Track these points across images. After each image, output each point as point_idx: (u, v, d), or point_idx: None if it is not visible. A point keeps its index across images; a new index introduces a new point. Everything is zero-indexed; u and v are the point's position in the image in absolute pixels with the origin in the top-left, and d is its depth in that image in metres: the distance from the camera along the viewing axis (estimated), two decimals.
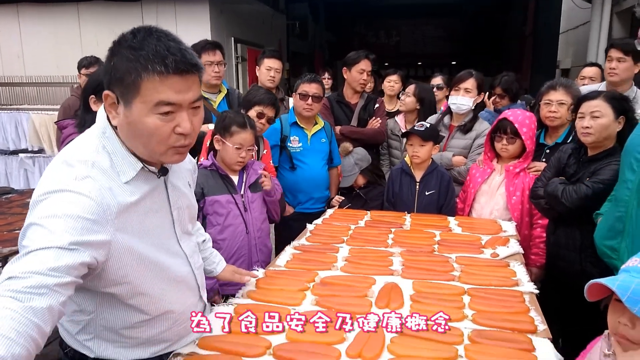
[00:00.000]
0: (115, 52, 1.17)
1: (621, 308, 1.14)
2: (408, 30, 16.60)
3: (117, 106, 1.20)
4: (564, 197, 2.37)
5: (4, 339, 0.90)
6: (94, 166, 1.20)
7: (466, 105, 3.29)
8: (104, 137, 1.25)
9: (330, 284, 1.96)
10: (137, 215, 1.26)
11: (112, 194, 1.19)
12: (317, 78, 3.26)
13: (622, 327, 1.16)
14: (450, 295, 1.86)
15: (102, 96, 1.21)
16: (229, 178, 2.47)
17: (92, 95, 2.17)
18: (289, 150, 3.23)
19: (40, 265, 1.01)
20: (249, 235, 2.52)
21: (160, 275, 1.34)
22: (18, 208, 3.11)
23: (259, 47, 7.99)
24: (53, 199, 1.11)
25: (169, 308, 1.38)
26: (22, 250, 1.05)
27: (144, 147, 1.24)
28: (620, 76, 3.16)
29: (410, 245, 2.40)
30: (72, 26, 7.00)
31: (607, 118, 2.34)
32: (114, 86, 1.18)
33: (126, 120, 1.20)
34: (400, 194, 3.02)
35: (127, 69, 1.14)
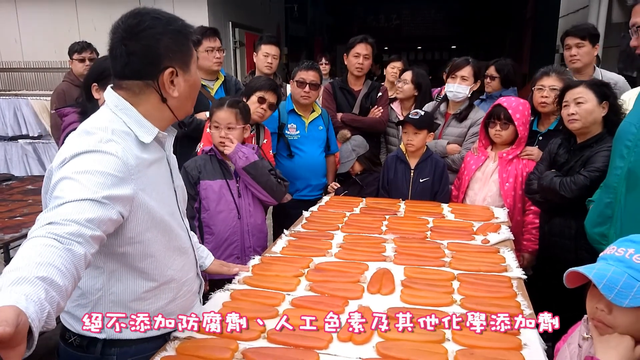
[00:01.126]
0: (158, 36, 1.29)
1: (598, 294, 1.18)
2: (408, 13, 16.45)
3: (177, 78, 1.35)
4: (563, 190, 2.42)
5: (59, 272, 0.98)
6: (114, 132, 1.30)
7: (462, 93, 3.31)
8: (117, 109, 1.35)
9: (324, 269, 2.01)
10: (153, 178, 1.38)
11: (133, 154, 1.30)
12: (315, 65, 3.27)
13: (599, 313, 1.21)
14: (440, 280, 1.92)
15: (164, 73, 1.32)
16: (225, 163, 2.51)
17: (94, 83, 2.18)
18: (287, 137, 3.26)
19: (78, 215, 1.10)
20: (242, 220, 2.55)
21: (168, 240, 1.44)
22: (19, 195, 3.15)
23: (257, 32, 7.96)
24: (83, 158, 1.21)
25: (172, 275, 1.47)
26: (56, 200, 1.13)
27: (192, 103, 1.47)
28: (582, 61, 3.24)
29: (404, 232, 2.45)
30: (70, 11, 6.97)
31: (590, 103, 2.41)
32: (173, 60, 1.33)
33: (188, 84, 1.39)
34: (395, 180, 3.06)
35: (181, 40, 1.34)
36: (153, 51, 1.29)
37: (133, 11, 1.32)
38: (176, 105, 1.40)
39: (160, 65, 1.31)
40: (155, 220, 1.37)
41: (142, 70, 1.32)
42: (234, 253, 2.53)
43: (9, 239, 2.33)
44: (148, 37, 1.28)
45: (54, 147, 6.15)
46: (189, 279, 1.57)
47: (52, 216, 1.08)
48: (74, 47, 4.10)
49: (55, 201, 1.13)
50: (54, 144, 6.15)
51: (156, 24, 1.29)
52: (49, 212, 1.11)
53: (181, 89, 1.37)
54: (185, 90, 1.38)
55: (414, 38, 16.58)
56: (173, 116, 1.42)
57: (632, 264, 1.17)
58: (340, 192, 3.29)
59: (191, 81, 1.40)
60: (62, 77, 6.48)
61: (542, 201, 2.62)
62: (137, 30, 1.28)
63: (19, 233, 2.40)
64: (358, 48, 3.59)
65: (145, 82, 1.33)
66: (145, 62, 1.30)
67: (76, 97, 3.79)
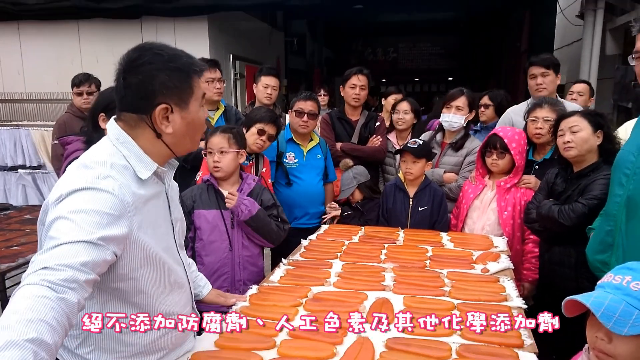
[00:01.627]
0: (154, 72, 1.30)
1: (597, 323, 1.17)
2: (405, 47, 16.77)
3: (171, 115, 1.34)
4: (562, 218, 2.43)
5: (50, 328, 0.98)
6: (112, 167, 1.30)
7: (457, 122, 3.34)
8: (117, 142, 1.35)
9: (323, 299, 1.99)
10: (150, 214, 1.36)
11: (130, 191, 1.29)
12: (313, 96, 3.33)
13: (600, 342, 1.19)
14: (440, 310, 1.88)
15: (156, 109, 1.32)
16: (221, 193, 2.50)
17: (101, 113, 2.20)
18: (285, 166, 3.28)
19: (73, 259, 1.10)
20: (233, 252, 2.51)
21: (163, 276, 1.42)
22: (16, 224, 3.14)
23: (257, 64, 8.07)
24: (79, 195, 1.20)
25: (167, 310, 1.44)
26: (51, 241, 1.13)
27: (191, 141, 1.44)
28: (548, 89, 3.39)
29: (403, 260, 2.43)
30: (73, 43, 7.08)
31: (585, 131, 2.45)
32: (168, 97, 1.32)
33: (185, 121, 1.37)
34: (394, 209, 3.06)
35: (180, 77, 1.33)
36: (147, 86, 1.30)
37: (139, 45, 1.35)
38: (172, 141, 1.39)
39: (153, 101, 1.31)
40: (149, 256, 1.36)
41: (136, 104, 1.33)
42: (223, 285, 2.47)
43: (5, 269, 2.30)
44: (145, 72, 1.29)
45: (53, 177, 6.16)
46: (184, 313, 1.53)
47: (47, 259, 1.08)
48: (74, 80, 4.16)
49: (50, 242, 1.13)
50: (53, 174, 6.16)
51: (156, 60, 1.30)
52: (43, 254, 1.10)
53: (177, 126, 1.36)
54: (181, 128, 1.37)
55: (411, 71, 16.85)
56: (170, 152, 1.41)
57: (629, 292, 1.16)
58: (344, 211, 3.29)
59: (189, 119, 1.37)
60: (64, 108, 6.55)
61: (541, 230, 2.62)
62: (136, 64, 1.30)
63: (15, 262, 2.38)
64: (354, 79, 3.67)
65: (139, 116, 1.34)
66: (139, 96, 1.31)
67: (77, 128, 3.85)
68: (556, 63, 3.42)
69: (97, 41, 6.91)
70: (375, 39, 16.40)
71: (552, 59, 3.42)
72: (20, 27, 7.12)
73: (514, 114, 3.53)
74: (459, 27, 14.90)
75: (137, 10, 6.52)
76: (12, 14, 6.70)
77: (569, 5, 7.48)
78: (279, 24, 10.55)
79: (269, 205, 2.61)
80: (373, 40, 16.46)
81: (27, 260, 2.52)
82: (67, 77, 6.41)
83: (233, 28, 7.68)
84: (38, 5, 6.50)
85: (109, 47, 6.86)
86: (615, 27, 6.41)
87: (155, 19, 6.69)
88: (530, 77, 3.44)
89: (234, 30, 7.74)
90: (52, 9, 6.56)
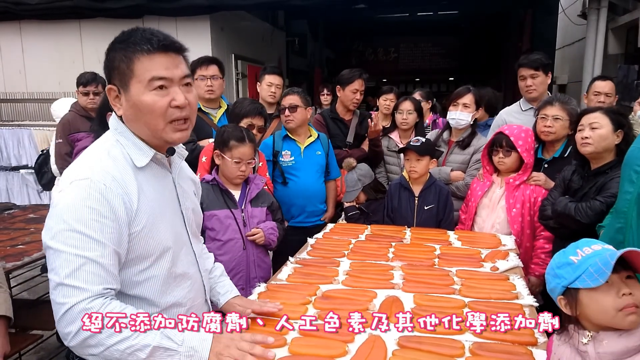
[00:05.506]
0: (109, 49, 1.30)
1: (613, 286, 1.23)
2: (406, 47, 16.76)
3: (120, 97, 1.32)
4: (579, 215, 2.42)
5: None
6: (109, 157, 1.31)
7: (464, 120, 3.33)
8: (116, 133, 1.36)
9: (332, 297, 1.98)
10: (151, 203, 1.35)
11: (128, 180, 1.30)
12: (294, 89, 3.37)
13: (628, 298, 1.22)
14: (451, 308, 1.88)
15: (107, 92, 1.32)
16: (229, 193, 2.50)
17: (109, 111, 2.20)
18: (280, 165, 3.26)
19: (110, 280, 1.23)
20: (247, 251, 2.52)
21: (171, 264, 1.41)
22: (21, 223, 3.13)
23: (259, 64, 8.07)
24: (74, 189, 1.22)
25: (176, 301, 1.43)
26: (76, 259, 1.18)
27: (146, 126, 1.34)
28: (538, 90, 3.39)
29: (411, 259, 2.41)
30: (74, 43, 7.07)
31: (605, 129, 2.43)
32: (113, 78, 1.31)
33: (128, 104, 1.32)
34: (399, 208, 3.05)
35: (120, 57, 1.29)
36: (105, 69, 1.33)
37: None
38: (130, 125, 1.36)
39: (110, 82, 1.34)
40: (152, 246, 1.36)
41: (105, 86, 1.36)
42: (239, 284, 2.46)
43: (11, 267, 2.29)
44: (107, 52, 1.32)
45: None
46: (195, 305, 1.52)
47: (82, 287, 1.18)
48: (80, 79, 4.13)
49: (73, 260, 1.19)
50: None
51: (115, 40, 1.32)
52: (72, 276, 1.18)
53: (125, 109, 1.34)
54: (128, 111, 1.34)
55: (412, 71, 16.84)
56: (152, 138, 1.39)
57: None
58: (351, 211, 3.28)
59: (131, 102, 1.31)
60: None
61: (556, 227, 2.60)
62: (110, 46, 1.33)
63: (20, 261, 2.38)
64: (356, 84, 3.70)
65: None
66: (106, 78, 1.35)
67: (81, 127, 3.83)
68: (546, 63, 3.40)
69: (99, 41, 6.88)
70: (376, 39, 16.38)
71: (542, 59, 3.39)
72: (22, 26, 7.12)
73: (506, 115, 3.53)
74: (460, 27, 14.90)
75: (139, 9, 6.51)
76: (14, 14, 6.69)
77: (571, 4, 7.48)
78: (280, 23, 10.55)
79: (276, 208, 2.64)
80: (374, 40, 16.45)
81: (33, 259, 2.52)
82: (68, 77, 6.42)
83: (235, 28, 7.67)
84: (40, 5, 6.49)
85: None
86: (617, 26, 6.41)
87: (157, 19, 6.67)
88: (520, 79, 3.45)
89: (236, 30, 7.74)
90: (53, 8, 6.55)
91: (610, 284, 1.24)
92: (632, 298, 1.22)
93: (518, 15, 11.54)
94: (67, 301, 1.16)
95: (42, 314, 2.77)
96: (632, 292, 1.23)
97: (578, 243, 1.34)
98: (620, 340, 1.24)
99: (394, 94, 4.70)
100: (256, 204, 2.57)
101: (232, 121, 2.96)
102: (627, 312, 1.22)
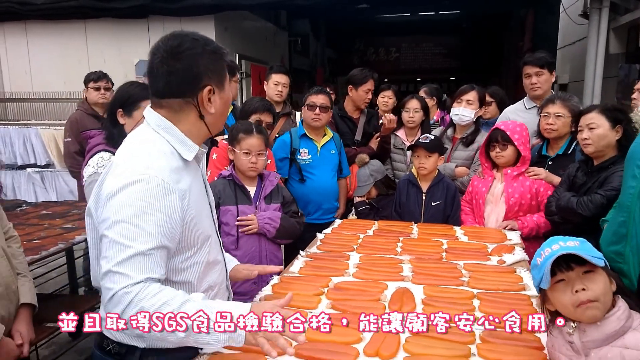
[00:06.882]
0: (197, 56, 1.38)
1: (567, 285, 1.32)
2: (407, 47, 16.81)
3: (213, 95, 1.42)
4: (581, 208, 2.48)
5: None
6: (159, 153, 1.37)
7: (468, 116, 3.38)
8: (159, 129, 1.41)
9: (344, 289, 2.03)
10: (194, 196, 1.43)
11: (177, 175, 1.38)
12: (324, 90, 3.39)
13: (581, 294, 1.29)
14: (460, 299, 1.93)
15: (203, 91, 1.40)
16: (244, 188, 2.55)
17: (119, 109, 2.27)
18: (299, 162, 3.32)
19: (156, 270, 1.29)
20: (260, 245, 2.58)
21: (208, 251, 1.51)
22: (35, 219, 3.19)
23: (262, 64, 8.13)
24: (132, 189, 1.28)
25: (209, 285, 1.53)
26: (128, 249, 1.25)
27: (223, 120, 1.54)
28: (543, 88, 3.45)
29: (419, 253, 2.47)
30: (79, 43, 7.12)
31: (602, 128, 2.49)
32: (211, 80, 1.41)
33: (222, 101, 1.47)
34: (407, 204, 3.10)
35: (221, 65, 1.44)
36: (193, 70, 1.37)
37: (173, 33, 1.41)
38: (212, 121, 1.47)
39: (199, 84, 1.39)
40: (198, 236, 1.45)
41: (183, 89, 1.39)
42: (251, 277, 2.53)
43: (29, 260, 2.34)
44: (188, 57, 1.37)
45: (61, 175, 6.21)
46: (221, 289, 1.63)
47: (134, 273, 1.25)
48: (90, 76, 4.20)
49: (124, 249, 1.25)
50: (61, 173, 6.22)
51: (195, 45, 1.38)
52: (125, 264, 1.24)
53: (217, 106, 1.45)
54: (220, 107, 1.46)
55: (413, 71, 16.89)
56: (208, 132, 1.49)
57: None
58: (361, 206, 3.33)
59: (225, 98, 1.48)
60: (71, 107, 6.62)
61: (560, 222, 2.66)
62: (179, 50, 1.36)
63: (39, 255, 2.44)
64: (369, 84, 3.76)
65: (185, 100, 1.40)
66: (186, 80, 1.38)
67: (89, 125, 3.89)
68: (550, 62, 3.47)
69: (104, 40, 6.95)
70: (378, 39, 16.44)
71: (547, 58, 3.46)
72: (27, 26, 7.16)
73: (510, 113, 3.58)
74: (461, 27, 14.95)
75: (144, 10, 6.56)
76: (19, 14, 6.74)
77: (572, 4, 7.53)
78: (283, 23, 10.60)
79: (290, 201, 2.67)
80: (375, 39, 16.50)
81: (50, 252, 2.58)
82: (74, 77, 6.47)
83: (239, 28, 7.73)
84: (45, 5, 6.54)
85: (116, 47, 6.92)
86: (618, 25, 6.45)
87: (162, 19, 6.73)
88: (525, 77, 3.50)
89: (240, 30, 7.79)
90: (59, 8, 6.59)
91: (567, 281, 1.33)
92: (586, 294, 1.29)
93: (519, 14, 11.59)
94: (113, 287, 1.23)
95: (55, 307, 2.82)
96: (586, 287, 1.30)
97: (546, 242, 1.40)
98: (598, 329, 1.31)
99: (391, 91, 4.76)
100: (270, 200, 2.62)
101: (242, 118, 3.02)
102: (583, 307, 1.30)
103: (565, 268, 1.32)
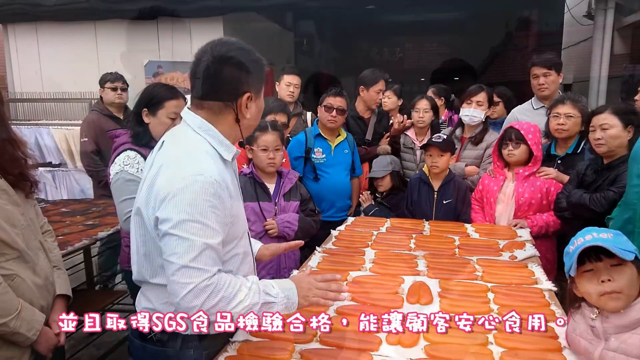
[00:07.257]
0: (242, 64, 1.48)
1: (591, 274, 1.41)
2: (411, 47, 16.87)
3: (250, 102, 1.52)
4: (593, 204, 2.56)
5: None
6: (207, 154, 1.47)
7: (478, 117, 3.46)
8: (201, 131, 1.50)
9: (363, 282, 2.11)
10: (234, 192, 1.54)
11: (223, 174, 1.48)
12: (342, 92, 3.44)
13: (607, 284, 1.38)
14: (475, 292, 2.01)
15: (243, 97, 1.49)
16: (264, 186, 2.63)
17: (145, 108, 2.35)
18: (313, 161, 3.39)
19: (220, 262, 1.42)
20: (278, 241, 2.65)
21: (245, 243, 1.64)
22: (56, 217, 3.27)
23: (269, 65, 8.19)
24: (190, 191, 1.37)
25: (245, 273, 1.62)
26: (199, 246, 1.35)
27: (256, 124, 1.66)
28: (550, 89, 3.50)
29: (432, 249, 2.54)
30: (90, 44, 7.20)
31: (615, 129, 2.56)
32: (251, 87, 1.51)
33: (257, 108, 1.57)
34: (418, 202, 3.17)
35: (261, 75, 1.55)
36: (237, 77, 1.47)
37: (221, 40, 1.51)
38: (246, 125, 1.57)
39: (240, 90, 1.49)
40: (239, 230, 1.58)
41: (226, 93, 1.49)
42: (269, 273, 2.62)
43: None
44: (234, 64, 1.46)
45: (72, 174, 6.29)
46: None
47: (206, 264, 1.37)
48: (107, 77, 4.27)
49: (189, 243, 1.35)
50: (72, 172, 6.29)
51: (241, 54, 1.48)
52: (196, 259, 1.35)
53: (252, 112, 1.55)
54: (254, 113, 1.56)
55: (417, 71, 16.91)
56: (241, 135, 1.59)
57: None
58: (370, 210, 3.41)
59: (260, 106, 1.58)
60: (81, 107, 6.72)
61: (570, 218, 2.73)
62: (227, 57, 1.46)
63: (65, 250, 2.52)
64: (381, 84, 3.85)
65: (225, 104, 1.50)
66: (230, 85, 1.48)
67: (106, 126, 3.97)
68: (558, 63, 3.53)
69: (114, 42, 7.02)
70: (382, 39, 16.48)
71: (554, 58, 3.53)
72: (37, 28, 7.25)
73: (518, 113, 3.64)
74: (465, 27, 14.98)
75: (153, 11, 6.64)
76: (30, 15, 6.83)
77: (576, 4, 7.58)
78: (288, 24, 10.68)
79: (307, 198, 2.75)
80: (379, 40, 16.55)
81: (76, 248, 2.68)
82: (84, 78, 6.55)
83: (247, 29, 7.80)
84: (55, 7, 6.63)
85: (126, 48, 6.99)
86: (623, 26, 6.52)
87: (171, 20, 6.80)
88: (533, 77, 3.55)
89: (248, 31, 7.86)
90: (69, 10, 6.69)
91: (595, 271, 1.42)
92: (611, 285, 1.38)
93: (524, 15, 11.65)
94: (192, 281, 1.33)
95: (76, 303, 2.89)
96: (612, 278, 1.38)
97: (580, 232, 1.49)
98: (621, 316, 1.40)
99: (392, 91, 4.81)
100: (289, 197, 2.70)
101: None
102: (607, 297, 1.39)
103: (594, 259, 1.40)
